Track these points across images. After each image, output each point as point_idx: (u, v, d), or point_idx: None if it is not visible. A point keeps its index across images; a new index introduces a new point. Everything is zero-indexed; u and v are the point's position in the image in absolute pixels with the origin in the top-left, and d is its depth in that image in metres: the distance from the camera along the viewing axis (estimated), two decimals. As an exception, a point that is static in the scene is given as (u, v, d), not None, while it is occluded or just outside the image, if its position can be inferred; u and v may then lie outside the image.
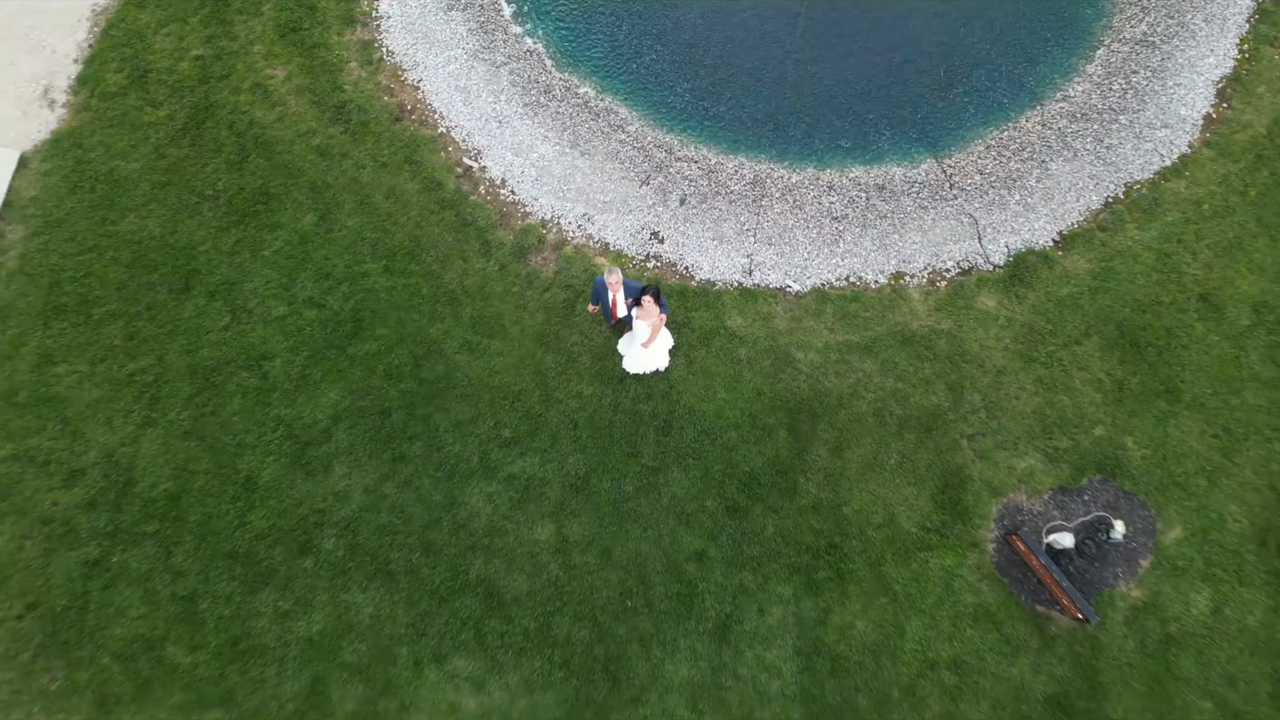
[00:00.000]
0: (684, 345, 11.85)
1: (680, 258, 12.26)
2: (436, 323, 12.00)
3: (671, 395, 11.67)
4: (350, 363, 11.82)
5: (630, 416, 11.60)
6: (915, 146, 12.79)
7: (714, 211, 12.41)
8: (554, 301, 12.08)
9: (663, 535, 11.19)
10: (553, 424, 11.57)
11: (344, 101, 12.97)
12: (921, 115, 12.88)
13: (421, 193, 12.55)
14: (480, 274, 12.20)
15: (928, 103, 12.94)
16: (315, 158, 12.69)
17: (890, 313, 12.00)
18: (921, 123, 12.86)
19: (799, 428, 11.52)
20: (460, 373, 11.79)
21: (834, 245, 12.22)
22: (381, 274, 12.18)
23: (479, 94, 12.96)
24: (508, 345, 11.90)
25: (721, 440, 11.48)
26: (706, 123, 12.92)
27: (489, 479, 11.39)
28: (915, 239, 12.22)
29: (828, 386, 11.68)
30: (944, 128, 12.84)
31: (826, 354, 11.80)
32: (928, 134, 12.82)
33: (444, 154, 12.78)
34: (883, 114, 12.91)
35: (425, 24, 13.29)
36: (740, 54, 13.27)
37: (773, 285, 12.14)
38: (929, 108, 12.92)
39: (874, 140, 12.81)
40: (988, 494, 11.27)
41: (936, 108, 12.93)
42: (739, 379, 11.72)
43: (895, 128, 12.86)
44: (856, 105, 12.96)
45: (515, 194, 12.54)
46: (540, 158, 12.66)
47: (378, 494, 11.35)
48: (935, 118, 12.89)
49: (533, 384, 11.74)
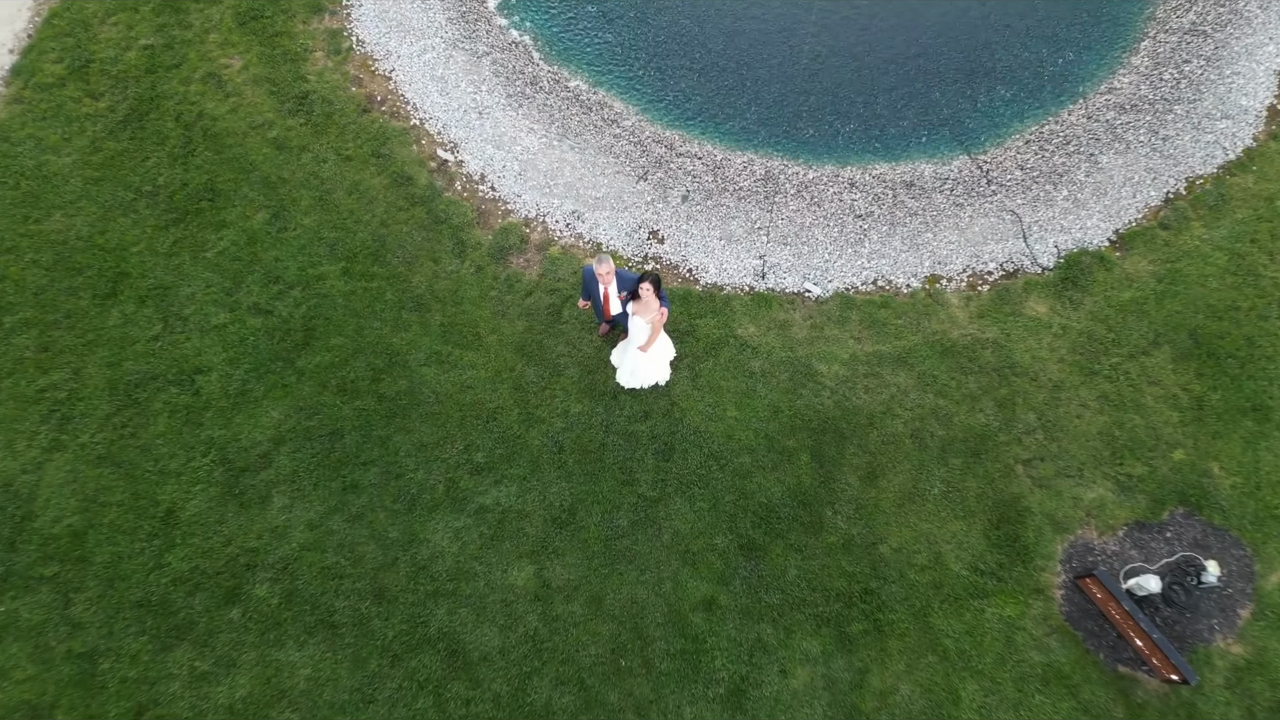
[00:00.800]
0: (687, 356, 10.19)
1: (683, 259, 10.71)
2: (401, 331, 10.35)
3: (673, 413, 9.95)
4: (298, 377, 10.12)
5: (625, 438, 9.85)
6: (945, 143, 11.40)
7: (721, 209, 10.92)
8: (537, 307, 10.47)
9: (664, 579, 9.31)
10: (533, 447, 9.81)
11: (306, 92, 11.60)
12: (950, 111, 11.53)
13: (389, 188, 11.07)
14: (453, 277, 10.61)
15: (957, 98, 11.61)
16: (271, 151, 11.25)
17: (926, 320, 10.37)
18: (950, 119, 11.50)
19: (824, 451, 9.77)
20: (426, 388, 10.08)
21: (858, 245, 10.68)
22: (340, 277, 10.59)
23: (457, 84, 11.62)
24: (482, 356, 10.23)
25: (733, 466, 9.71)
26: (711, 119, 11.55)
27: (457, 512, 9.57)
28: (951, 238, 10.70)
29: (856, 403, 9.97)
30: (976, 124, 11.48)
31: (854, 366, 10.13)
32: (958, 130, 11.44)
33: (416, 147, 11.35)
34: (908, 110, 11.56)
35: (400, 11, 12.04)
36: (748, 47, 12.00)
37: (789, 289, 10.55)
38: (958, 103, 11.58)
39: (899, 136, 11.42)
40: (1051, 530, 9.44)
41: (967, 103, 11.59)
42: (752, 395, 10.02)
43: (923, 124, 11.49)
44: (879, 101, 11.62)
45: (495, 190, 11.06)
46: (524, 150, 11.23)
47: (323, 530, 9.50)
48: (966, 113, 11.53)
49: (511, 401, 10.02)
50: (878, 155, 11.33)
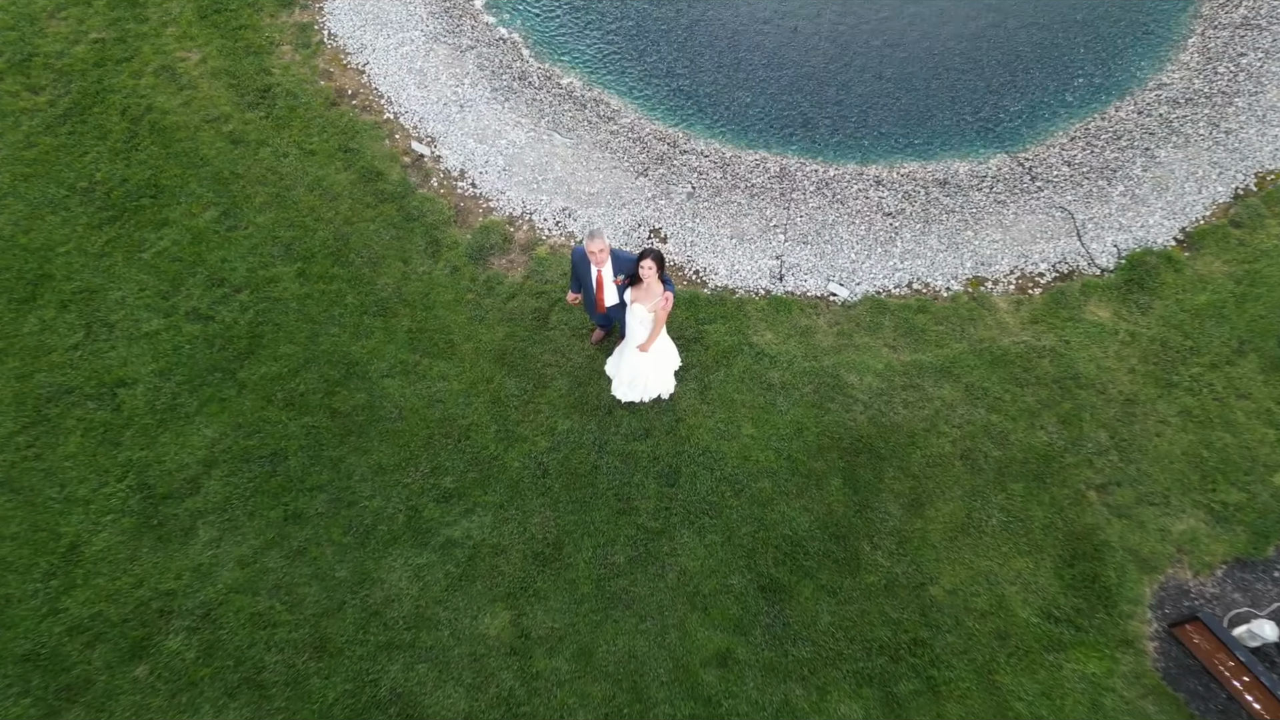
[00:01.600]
0: (694, 366, 8.74)
1: (689, 260, 9.35)
2: (361, 338, 8.91)
3: (679, 431, 8.43)
4: (239, 390, 8.63)
5: (622, 459, 8.30)
6: (980, 141, 10.22)
7: (731, 205, 9.63)
8: (521, 311, 9.05)
9: (668, 628, 7.63)
10: (513, 470, 8.25)
11: (269, 85, 10.46)
12: (984, 112, 10.39)
13: (356, 184, 9.79)
14: (424, 278, 9.23)
15: (990, 97, 10.48)
16: (225, 145, 10.02)
17: (971, 326, 8.96)
18: (984, 119, 10.34)
19: (858, 475, 8.21)
20: (388, 402, 8.58)
21: (889, 245, 9.35)
22: (294, 279, 9.21)
23: (437, 76, 10.49)
24: (455, 366, 8.76)
25: (750, 492, 8.13)
26: (719, 118, 10.39)
27: (419, 546, 7.94)
28: (994, 237, 9.38)
29: (894, 419, 8.46)
30: (1013, 122, 10.32)
31: (889, 378, 8.66)
32: (993, 128, 10.27)
33: (388, 141, 10.13)
34: (938, 108, 10.42)
35: (377, 5, 11.00)
36: (760, 44, 10.94)
37: (811, 292, 9.16)
38: (992, 102, 10.45)
39: (929, 136, 10.24)
40: (1136, 568, 7.81)
41: (1002, 102, 10.46)
42: (772, 410, 8.51)
43: (954, 123, 10.33)
44: (905, 100, 10.48)
45: (476, 187, 9.79)
46: (510, 144, 10.01)
47: (256, 568, 7.85)
48: (1002, 112, 10.38)
49: (488, 416, 8.51)
50: (906, 154, 10.12)
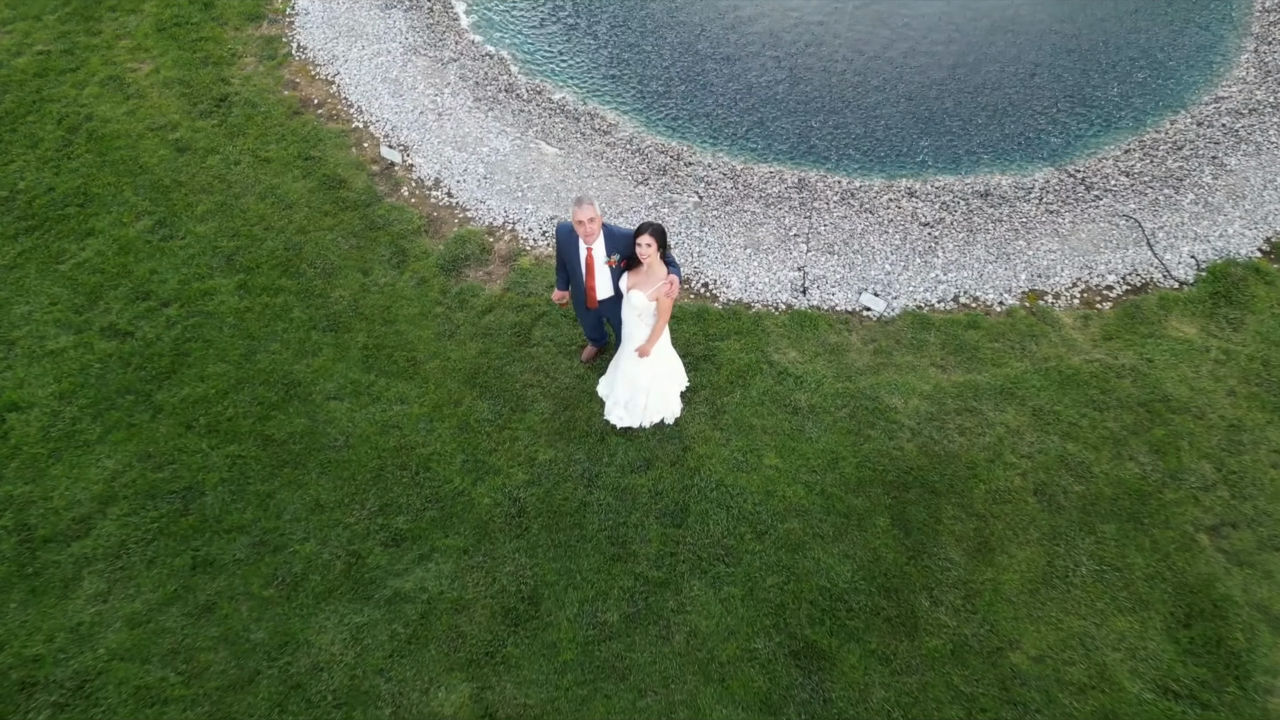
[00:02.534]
0: (705, 387, 7.28)
1: (697, 272, 8.03)
2: (307, 356, 7.48)
3: (686, 461, 6.89)
4: (154, 414, 7.14)
5: (617, 495, 6.72)
6: (1020, 156, 9.09)
7: (743, 215, 8.39)
8: (498, 326, 7.65)
9: (676, 705, 5.88)
10: (482, 508, 6.67)
11: (226, 94, 9.40)
12: (1023, 127, 9.31)
13: (315, 191, 8.57)
14: (386, 291, 7.88)
15: (1030, 115, 9.43)
16: (168, 153, 8.86)
17: (1032, 343, 7.55)
18: (1024, 134, 9.25)
19: (909, 514, 6.62)
20: (333, 428, 7.07)
21: (928, 255, 8.05)
22: (233, 292, 7.86)
23: (414, 85, 9.44)
24: (417, 388, 7.29)
25: (776, 534, 6.53)
26: (728, 136, 9.29)
27: (360, 600, 6.28)
28: (1050, 246, 8.09)
29: (949, 448, 6.94)
30: (1057, 138, 9.22)
31: (940, 401, 7.18)
32: (1034, 144, 9.16)
33: (355, 150, 8.98)
34: (971, 126, 9.34)
35: (353, 18, 10.09)
36: (775, 63, 9.97)
37: (840, 307, 7.80)
38: (1032, 120, 9.38)
39: (963, 151, 9.12)
40: (1269, 629, 6.13)
41: (1042, 120, 9.39)
42: (799, 437, 7.00)
43: (991, 139, 9.23)
44: (937, 118, 9.42)
45: (452, 196, 8.57)
46: (493, 152, 8.85)
47: (150, 629, 6.17)
48: (1042, 129, 9.30)
49: (453, 445, 6.98)
50: (937, 170, 8.97)
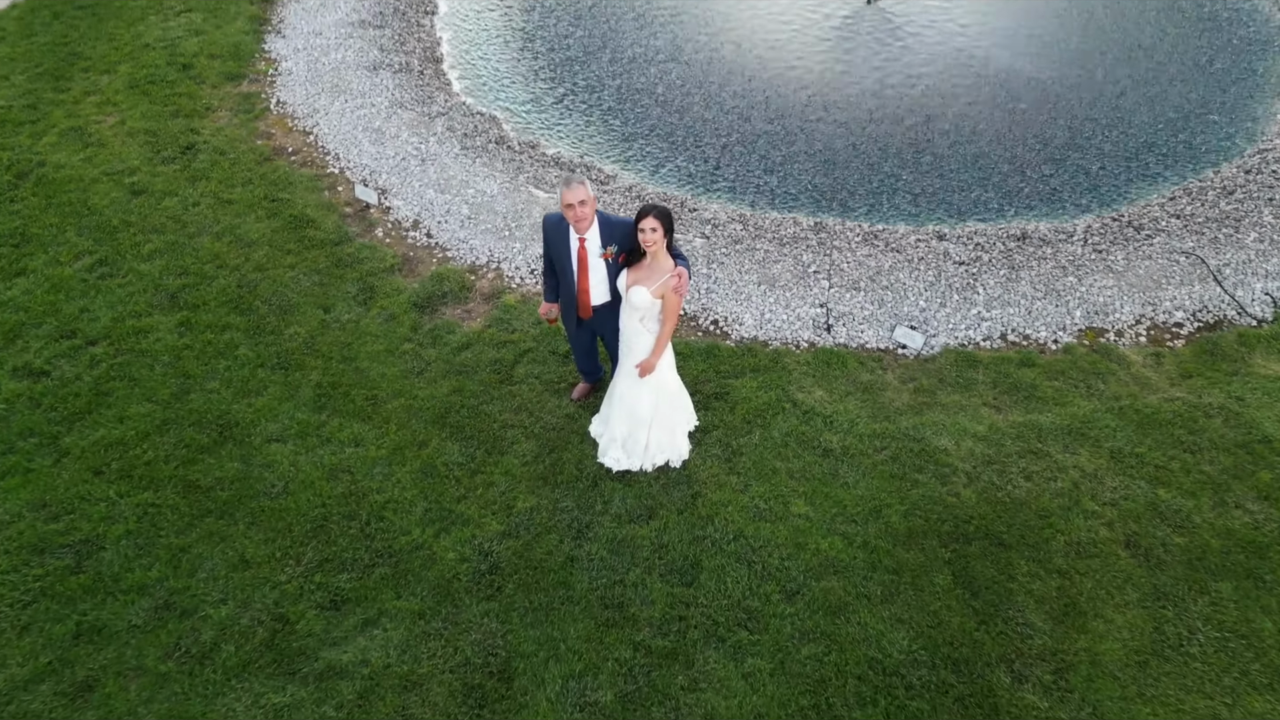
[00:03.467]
0: (718, 427, 6.14)
1: (704, 309, 7.05)
2: (250, 395, 6.37)
3: (697, 509, 5.66)
4: (58, 458, 5.96)
5: (612, 548, 5.46)
6: (1054, 205, 8.33)
7: (756, 252, 7.50)
8: (475, 364, 6.59)
9: (688, 814, 4.43)
10: (445, 564, 5.38)
11: (193, 143, 8.72)
12: (1056, 185, 8.60)
13: (279, 231, 7.71)
14: (348, 328, 6.87)
15: (1062, 176, 8.76)
16: (121, 195, 8.07)
17: (1098, 381, 6.47)
18: (1056, 191, 8.53)
19: (974, 570, 5.34)
20: (271, 473, 5.88)
21: (967, 292, 7.10)
22: (172, 329, 6.84)
23: (397, 135, 8.78)
24: (375, 429, 6.15)
25: (810, 594, 5.22)
26: (735, 190, 8.57)
27: (283, 675, 4.90)
28: (1105, 283, 7.15)
29: (1015, 494, 5.73)
30: (1095, 190, 8.50)
31: (997, 442, 6.03)
32: (1072, 197, 8.43)
33: (328, 193, 8.19)
34: (1000, 176, 8.64)
35: (338, 76, 9.58)
36: (784, 115, 9.40)
37: (871, 344, 6.77)
38: (1064, 179, 8.70)
39: (993, 200, 8.37)
40: None
41: (1077, 178, 8.71)
42: (832, 482, 5.80)
43: (1024, 189, 8.51)
44: (955, 170, 8.74)
45: (432, 236, 7.71)
46: (479, 194, 8.06)
47: (9, 712, 4.77)
48: (1078, 186, 8.59)
49: (414, 491, 5.77)
50: (967, 217, 8.19)
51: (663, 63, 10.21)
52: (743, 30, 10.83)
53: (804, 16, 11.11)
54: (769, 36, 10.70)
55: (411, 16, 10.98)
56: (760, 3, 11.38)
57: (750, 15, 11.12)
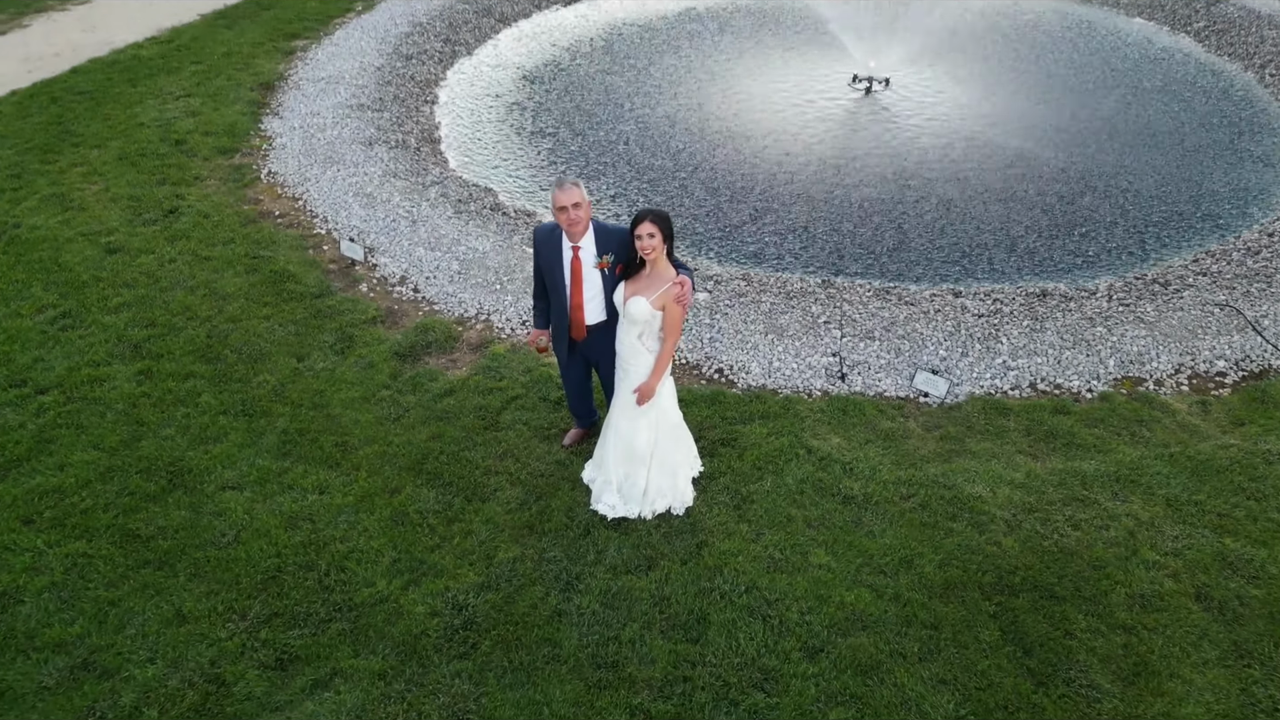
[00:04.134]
0: (725, 473, 5.51)
1: (707, 358, 6.53)
2: (208, 443, 5.77)
3: (703, 559, 4.97)
4: (-14, 507, 5.32)
5: (605, 602, 4.74)
6: (1075, 270, 7.97)
7: (761, 305, 7.04)
8: (458, 410, 6.02)
9: None
10: (413, 618, 4.65)
11: (177, 206, 8.44)
12: (1072, 251, 8.27)
13: (256, 285, 7.29)
14: (322, 375, 6.33)
15: (1078, 241, 8.46)
16: (95, 253, 7.71)
17: (1142, 428, 5.88)
18: (1073, 257, 8.21)
19: (1024, 624, 4.61)
20: (222, 520, 5.21)
21: (990, 342, 6.60)
22: (130, 378, 6.30)
23: (388, 199, 8.49)
24: (343, 476, 5.52)
25: (836, 652, 4.47)
26: (741, 252, 8.23)
27: (210, 747, 4.12)
28: (1137, 334, 6.66)
29: (1064, 543, 5.05)
30: (1109, 258, 8.17)
31: (1038, 490, 5.39)
32: (1091, 261, 8.09)
33: (311, 251, 7.82)
34: (1017, 243, 8.33)
35: (332, 150, 9.41)
36: (789, 183, 9.17)
37: (890, 393, 6.22)
38: (1082, 246, 8.39)
39: (1010, 269, 8.02)
40: None
41: (1095, 245, 8.41)
42: (855, 530, 5.13)
43: (1039, 256, 8.18)
44: (967, 236, 8.44)
45: (419, 291, 7.28)
46: (470, 251, 7.68)
47: (-122, 789, 3.98)
48: (1096, 252, 8.28)
49: (383, 540, 5.09)
50: (983, 279, 7.80)
51: (669, 147, 10.10)
52: (741, 110, 10.81)
53: (804, 103, 11.13)
54: (769, 115, 10.66)
55: (411, 104, 10.98)
56: (756, 88, 11.44)
57: (748, 96, 11.14)
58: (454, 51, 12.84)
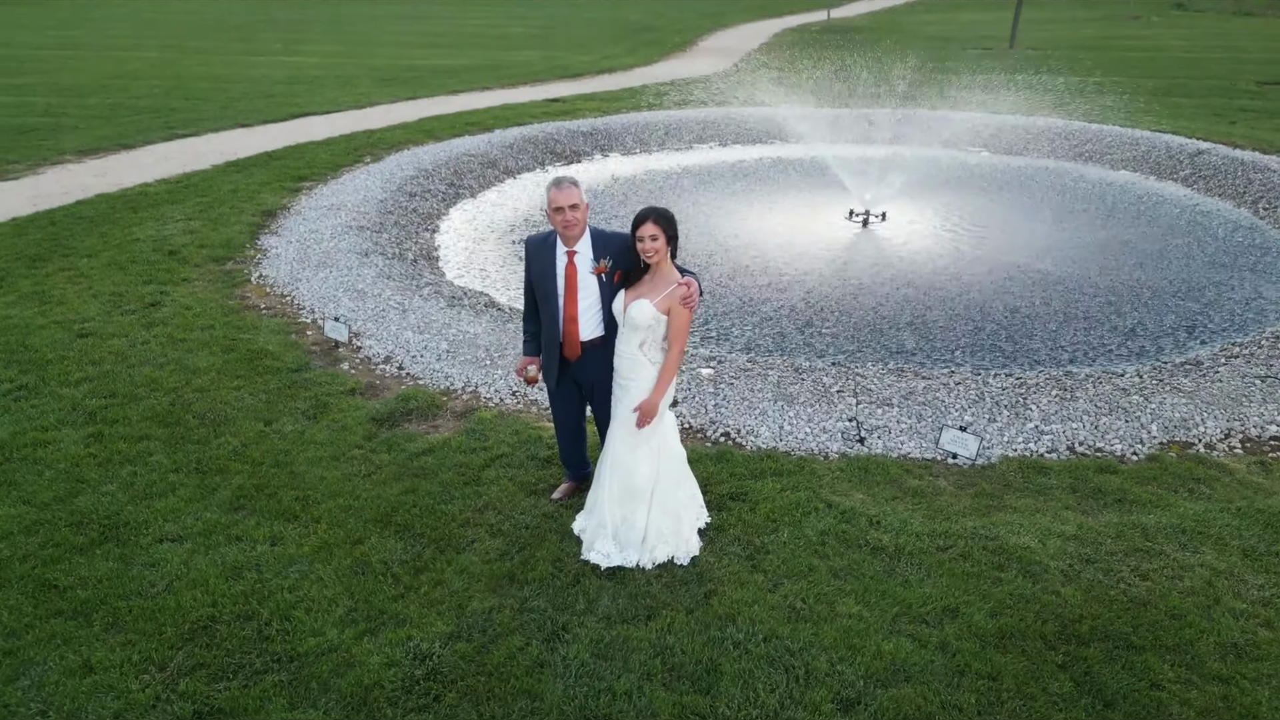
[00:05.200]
0: (735, 525, 4.83)
1: (712, 423, 5.97)
2: (153, 498, 5.12)
3: (712, 607, 4.22)
4: (-114, 559, 4.61)
5: (596, 653, 3.96)
6: (1097, 363, 7.56)
7: (769, 375, 6.55)
8: (436, 468, 5.40)
9: None
10: (366, 669, 3.86)
11: (160, 300, 8.14)
12: (1090, 341, 7.93)
13: (230, 363, 6.83)
14: (289, 437, 5.75)
15: (1096, 341, 8.14)
16: (64, 336, 7.32)
17: (1200, 485, 5.24)
18: (1090, 347, 7.85)
19: (1099, 676, 3.81)
20: (155, 571, 4.49)
21: (1019, 408, 6.05)
22: (79, 441, 5.73)
23: (379, 294, 8.19)
24: (301, 528, 4.84)
25: (876, 705, 3.65)
26: (747, 344, 7.86)
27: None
28: (1176, 402, 6.13)
29: (1133, 592, 4.31)
30: (1127, 348, 7.80)
31: (1094, 542, 4.69)
32: (1113, 356, 7.71)
33: (294, 336, 7.42)
34: (1023, 340, 7.98)
35: (324, 257, 9.24)
36: (791, 288, 8.92)
37: (914, 454, 5.62)
38: (1101, 344, 8.06)
39: (1027, 364, 7.62)
40: None
41: (1117, 344, 8.07)
42: (890, 579, 4.40)
43: (1049, 357, 7.81)
44: (988, 332, 8.10)
45: (404, 369, 6.83)
46: (461, 333, 7.28)
47: None
48: (1113, 344, 7.93)
49: (338, 588, 4.36)
50: (1001, 369, 7.37)
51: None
52: (752, 242, 10.80)
53: (807, 237, 11.15)
54: (770, 243, 10.63)
55: (411, 229, 11.00)
56: (749, 220, 11.50)
57: (746, 227, 11.17)
58: (457, 193, 13.08)
